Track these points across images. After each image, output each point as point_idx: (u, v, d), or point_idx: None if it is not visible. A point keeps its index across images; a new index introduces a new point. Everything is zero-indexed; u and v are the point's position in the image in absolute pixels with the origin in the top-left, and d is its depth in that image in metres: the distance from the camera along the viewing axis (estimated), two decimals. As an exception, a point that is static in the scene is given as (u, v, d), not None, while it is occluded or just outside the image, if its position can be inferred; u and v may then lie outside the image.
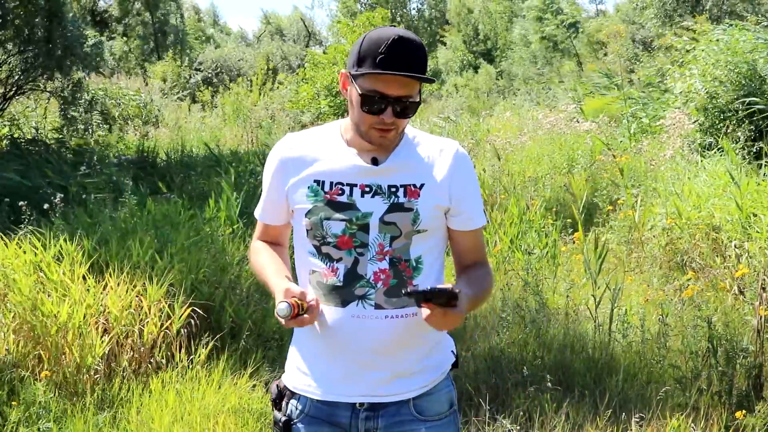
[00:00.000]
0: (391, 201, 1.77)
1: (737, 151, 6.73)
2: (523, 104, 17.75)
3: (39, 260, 4.09)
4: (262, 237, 1.98)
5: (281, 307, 1.65)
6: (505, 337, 4.18)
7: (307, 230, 1.79)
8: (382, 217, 1.76)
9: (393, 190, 1.77)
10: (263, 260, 1.90)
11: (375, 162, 1.78)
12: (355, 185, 1.77)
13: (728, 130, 7.37)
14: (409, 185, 1.78)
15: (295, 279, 1.86)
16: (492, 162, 8.67)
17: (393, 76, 1.68)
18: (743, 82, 7.63)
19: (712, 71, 7.90)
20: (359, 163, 1.78)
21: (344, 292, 1.76)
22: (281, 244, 1.98)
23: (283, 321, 1.66)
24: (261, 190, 1.96)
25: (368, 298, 1.76)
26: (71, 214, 5.16)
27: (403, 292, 1.62)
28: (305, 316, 1.68)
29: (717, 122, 7.80)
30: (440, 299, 1.60)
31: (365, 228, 1.76)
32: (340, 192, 1.77)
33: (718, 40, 8.29)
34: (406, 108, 1.72)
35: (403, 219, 1.76)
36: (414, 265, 1.78)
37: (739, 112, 7.54)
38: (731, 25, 8.62)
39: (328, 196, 1.78)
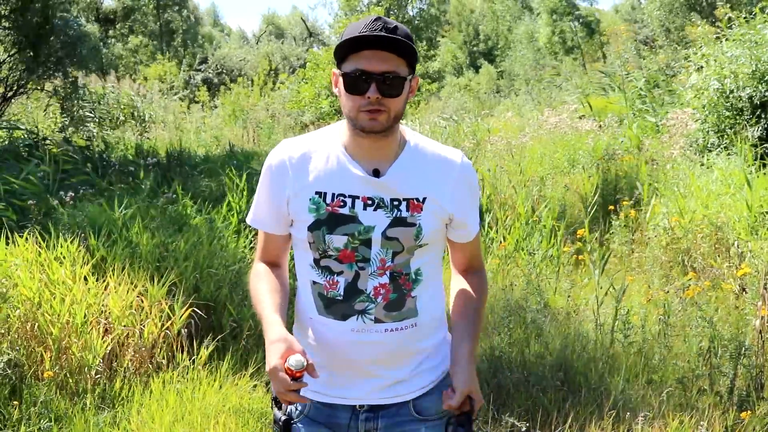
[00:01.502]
0: (394, 215, 1.72)
1: (747, 150, 6.67)
2: (525, 104, 17.75)
3: (43, 259, 4.09)
4: (263, 255, 1.89)
5: (297, 360, 1.59)
6: (507, 337, 4.17)
7: (309, 243, 1.76)
8: (384, 232, 1.72)
9: (396, 203, 1.73)
10: (263, 291, 1.81)
11: (377, 173, 1.73)
12: (358, 197, 1.72)
13: (738, 129, 7.29)
14: (412, 199, 1.74)
15: (291, 321, 1.84)
16: (495, 162, 8.66)
17: (373, 51, 1.64)
18: (760, 81, 7.44)
19: (729, 66, 7.73)
20: (359, 172, 1.73)
21: (344, 306, 1.75)
22: (281, 264, 1.90)
23: (287, 380, 1.59)
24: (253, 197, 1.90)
25: (368, 312, 1.74)
26: (81, 211, 5.13)
27: None
28: (304, 382, 1.62)
29: (724, 121, 7.69)
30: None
31: (368, 243, 1.72)
32: (342, 204, 1.72)
33: (742, 33, 8.08)
34: (390, 83, 1.66)
35: (406, 234, 1.73)
36: (413, 277, 1.77)
37: (745, 111, 7.44)
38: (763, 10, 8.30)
39: (330, 208, 1.73)
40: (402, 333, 1.77)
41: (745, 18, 8.31)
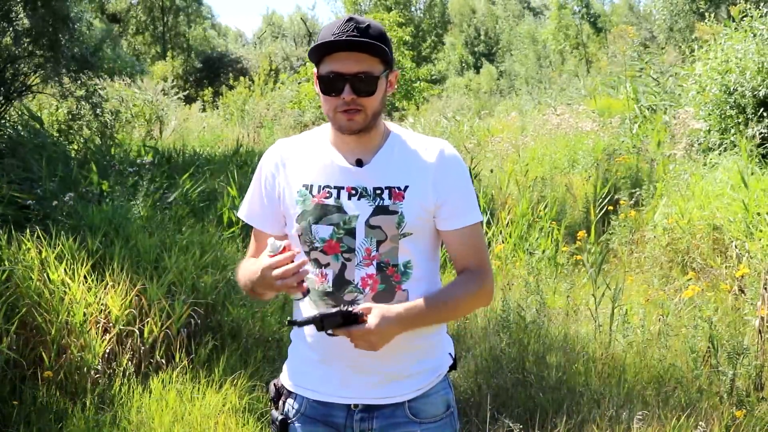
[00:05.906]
0: (376, 203, 1.75)
1: (749, 150, 6.64)
2: (525, 104, 17.76)
3: (43, 258, 4.09)
4: (254, 254, 1.90)
5: (271, 243, 1.66)
6: (506, 337, 4.18)
7: (298, 235, 1.79)
8: (367, 221, 1.75)
9: (378, 192, 1.76)
10: (246, 265, 1.85)
11: (359, 163, 1.77)
12: (342, 188, 1.76)
13: (741, 128, 7.26)
14: (394, 187, 1.76)
15: None
16: (496, 162, 8.67)
17: (346, 53, 1.68)
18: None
19: (735, 61, 7.66)
20: (343, 164, 1.78)
21: (334, 298, 1.77)
22: None
23: (272, 258, 1.66)
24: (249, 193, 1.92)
25: (357, 303, 1.74)
26: (80, 211, 5.12)
27: (287, 321, 1.67)
28: (292, 252, 1.67)
29: (726, 119, 7.64)
30: (333, 322, 1.62)
31: (352, 232, 1.75)
32: (327, 195, 1.77)
33: (752, 27, 8.01)
34: (364, 84, 1.70)
35: (388, 222, 1.74)
36: (402, 270, 1.77)
37: (747, 109, 7.40)
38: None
39: (316, 199, 1.77)
40: None
41: (761, 15, 8.23)
